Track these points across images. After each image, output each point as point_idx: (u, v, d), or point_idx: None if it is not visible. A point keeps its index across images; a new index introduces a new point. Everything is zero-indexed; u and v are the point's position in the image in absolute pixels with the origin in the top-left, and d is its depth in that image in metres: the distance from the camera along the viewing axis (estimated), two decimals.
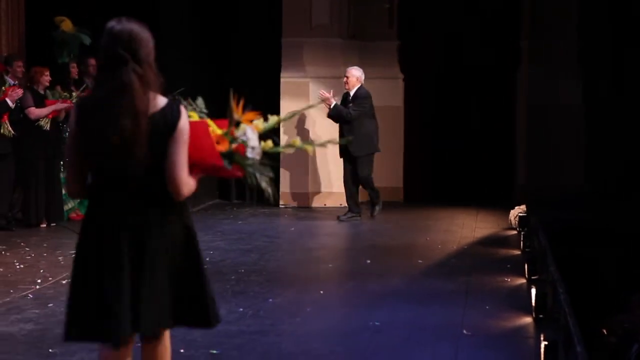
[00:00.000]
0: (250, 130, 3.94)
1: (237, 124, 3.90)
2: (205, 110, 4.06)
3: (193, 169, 3.70)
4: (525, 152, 12.50)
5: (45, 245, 9.03)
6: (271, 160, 3.99)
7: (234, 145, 3.89)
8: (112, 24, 3.69)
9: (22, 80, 10.26)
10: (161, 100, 3.66)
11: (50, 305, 6.46)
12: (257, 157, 3.92)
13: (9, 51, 11.01)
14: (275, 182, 9.43)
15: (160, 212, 3.63)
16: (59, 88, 10.59)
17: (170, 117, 3.61)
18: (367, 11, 12.59)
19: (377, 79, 12.58)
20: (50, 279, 7.40)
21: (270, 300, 6.72)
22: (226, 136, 3.87)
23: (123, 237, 3.57)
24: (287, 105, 12.09)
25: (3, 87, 9.76)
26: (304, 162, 12.12)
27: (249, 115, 3.98)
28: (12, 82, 9.83)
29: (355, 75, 10.92)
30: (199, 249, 3.83)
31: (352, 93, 10.89)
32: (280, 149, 4.21)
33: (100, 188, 3.64)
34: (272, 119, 4.13)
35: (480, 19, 12.93)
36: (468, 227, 10.41)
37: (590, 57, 12.36)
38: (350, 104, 10.85)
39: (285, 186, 12.14)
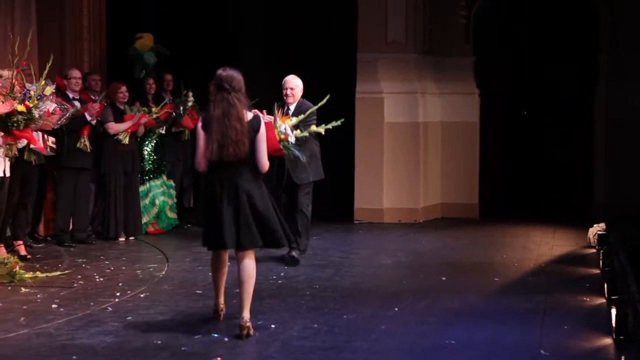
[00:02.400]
0: (286, 125, 8.18)
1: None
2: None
3: None
4: (604, 168, 12.28)
5: (124, 258, 9.19)
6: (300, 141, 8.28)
7: (282, 135, 8.04)
8: (220, 71, 6.25)
9: (99, 94, 10.46)
10: (249, 115, 6.26)
11: (129, 318, 6.56)
12: (293, 141, 8.17)
13: (91, 67, 11.26)
14: (349, 198, 11.44)
15: (249, 178, 6.18)
16: (137, 104, 10.78)
17: (255, 125, 6.21)
18: (442, 27, 12.54)
19: (452, 95, 12.53)
20: (128, 292, 7.52)
21: (345, 316, 6.72)
22: (276, 130, 7.86)
23: (228, 192, 6.15)
24: (362, 120, 12.11)
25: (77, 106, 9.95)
26: (379, 178, 12.11)
27: (285, 118, 8.27)
28: (72, 96, 10.01)
29: (300, 86, 9.10)
30: (271, 199, 6.31)
31: (293, 107, 8.92)
32: (305, 133, 8.45)
33: (217, 164, 6.16)
34: (296, 119, 8.47)
35: (558, 33, 12.78)
36: (545, 244, 10.26)
37: None
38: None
39: (359, 202, 12.13)
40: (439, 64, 12.55)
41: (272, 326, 6.36)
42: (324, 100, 8.31)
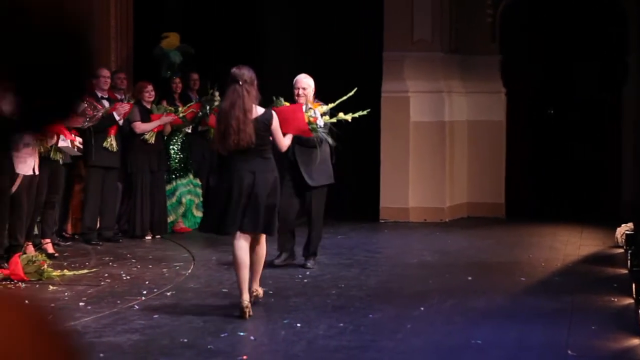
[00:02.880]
0: (316, 110, 8.30)
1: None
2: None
3: (288, 132, 7.24)
4: (631, 167, 12.18)
5: (150, 257, 9.23)
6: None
7: (311, 118, 8.12)
8: (234, 69, 6.68)
9: (126, 93, 10.52)
10: (259, 108, 6.70)
11: (156, 316, 6.59)
12: (321, 124, 8.30)
13: (118, 66, 11.33)
14: (375, 196, 11.17)
15: (262, 166, 6.63)
16: (164, 103, 10.83)
17: (266, 117, 6.70)
18: (469, 25, 12.50)
19: (478, 93, 12.49)
20: (155, 290, 7.55)
21: (371, 315, 6.71)
22: (306, 113, 7.99)
23: (245, 179, 6.59)
24: (388, 119, 12.09)
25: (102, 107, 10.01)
26: (404, 177, 12.08)
27: (315, 104, 8.39)
28: (100, 95, 10.07)
29: (312, 86, 8.56)
30: (279, 190, 6.86)
31: (304, 107, 8.20)
32: (334, 119, 8.46)
33: (234, 153, 6.63)
34: (326, 107, 8.42)
35: (585, 32, 12.69)
36: (572, 244, 10.19)
37: None
38: None
39: (385, 201, 12.12)
40: (465, 62, 12.50)
41: (298, 325, 6.36)
42: (351, 93, 8.27)
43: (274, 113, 6.86)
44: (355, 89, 8.40)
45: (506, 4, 12.56)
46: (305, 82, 8.55)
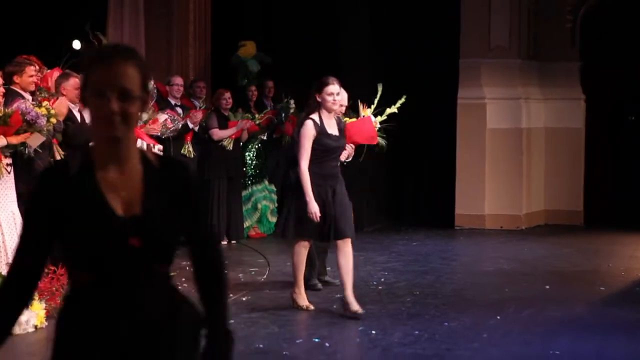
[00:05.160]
0: (370, 115, 7.96)
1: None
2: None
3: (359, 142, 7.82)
4: None
5: (226, 262, 9.26)
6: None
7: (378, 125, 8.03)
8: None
9: (204, 101, 10.65)
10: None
11: (231, 321, 6.60)
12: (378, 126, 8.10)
13: (195, 74, 11.48)
14: (450, 203, 10.70)
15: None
16: (240, 110, 10.94)
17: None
18: (547, 31, 12.34)
19: (557, 100, 12.33)
20: (231, 295, 7.61)
21: (446, 324, 6.66)
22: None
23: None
24: (464, 126, 12.00)
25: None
26: (480, 184, 11.98)
27: (363, 109, 8.03)
28: (174, 103, 10.19)
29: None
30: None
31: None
32: (384, 117, 8.07)
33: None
34: (369, 109, 8.03)
35: None
36: None
37: None
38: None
39: (460, 208, 12.03)
40: (543, 68, 12.34)
41: (373, 332, 6.35)
42: (401, 100, 8.12)
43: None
44: (403, 98, 8.07)
45: (586, 9, 12.37)
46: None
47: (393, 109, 8.17)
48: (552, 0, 12.33)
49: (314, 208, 6.70)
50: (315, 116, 6.86)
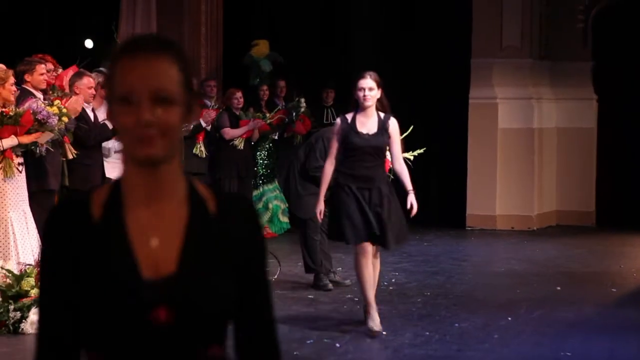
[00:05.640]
0: None
1: None
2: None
3: None
4: None
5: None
6: None
7: None
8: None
9: (215, 100, 10.67)
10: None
11: None
12: None
13: (207, 73, 11.50)
14: (461, 203, 10.17)
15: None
16: (251, 110, 10.94)
17: None
18: (559, 31, 12.30)
19: (569, 100, 12.29)
20: None
21: (457, 324, 6.65)
22: None
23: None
24: (475, 126, 11.98)
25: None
26: (492, 184, 11.95)
27: None
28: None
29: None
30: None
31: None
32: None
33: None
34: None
35: None
36: None
37: None
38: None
39: (472, 208, 12.00)
40: (555, 68, 12.31)
41: (384, 333, 6.34)
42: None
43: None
44: (412, 127, 7.82)
45: (598, 9, 12.32)
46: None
47: (409, 156, 7.66)
48: (564, 0, 12.29)
49: (320, 206, 6.41)
50: (350, 114, 6.42)
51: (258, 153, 11.10)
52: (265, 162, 11.17)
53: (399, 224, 6.37)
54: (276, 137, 11.26)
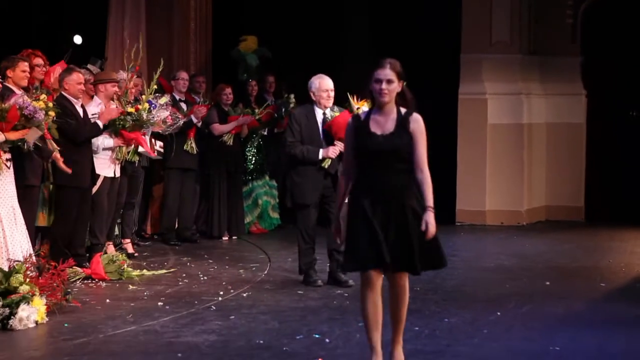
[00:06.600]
0: (363, 108, 7.18)
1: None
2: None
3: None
4: None
5: (227, 258, 9.32)
6: None
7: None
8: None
9: (204, 96, 10.66)
10: None
11: (232, 317, 6.65)
12: None
13: (197, 69, 11.48)
14: (451, 199, 10.11)
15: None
16: (240, 105, 10.93)
17: None
18: (548, 27, 12.32)
19: (558, 95, 12.32)
20: (232, 291, 7.63)
21: (447, 320, 6.66)
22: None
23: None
24: (465, 121, 12.00)
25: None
26: (481, 180, 11.97)
27: (361, 102, 7.72)
28: (178, 98, 10.21)
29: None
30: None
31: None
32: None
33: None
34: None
35: None
36: None
37: None
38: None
39: (461, 203, 12.03)
40: (544, 64, 12.33)
41: None
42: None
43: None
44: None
45: (587, 4, 12.35)
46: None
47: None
48: None
49: (335, 227, 5.30)
50: (364, 112, 5.46)
51: (248, 149, 11.09)
52: (255, 158, 11.16)
53: (431, 243, 5.22)
54: (266, 133, 11.26)
